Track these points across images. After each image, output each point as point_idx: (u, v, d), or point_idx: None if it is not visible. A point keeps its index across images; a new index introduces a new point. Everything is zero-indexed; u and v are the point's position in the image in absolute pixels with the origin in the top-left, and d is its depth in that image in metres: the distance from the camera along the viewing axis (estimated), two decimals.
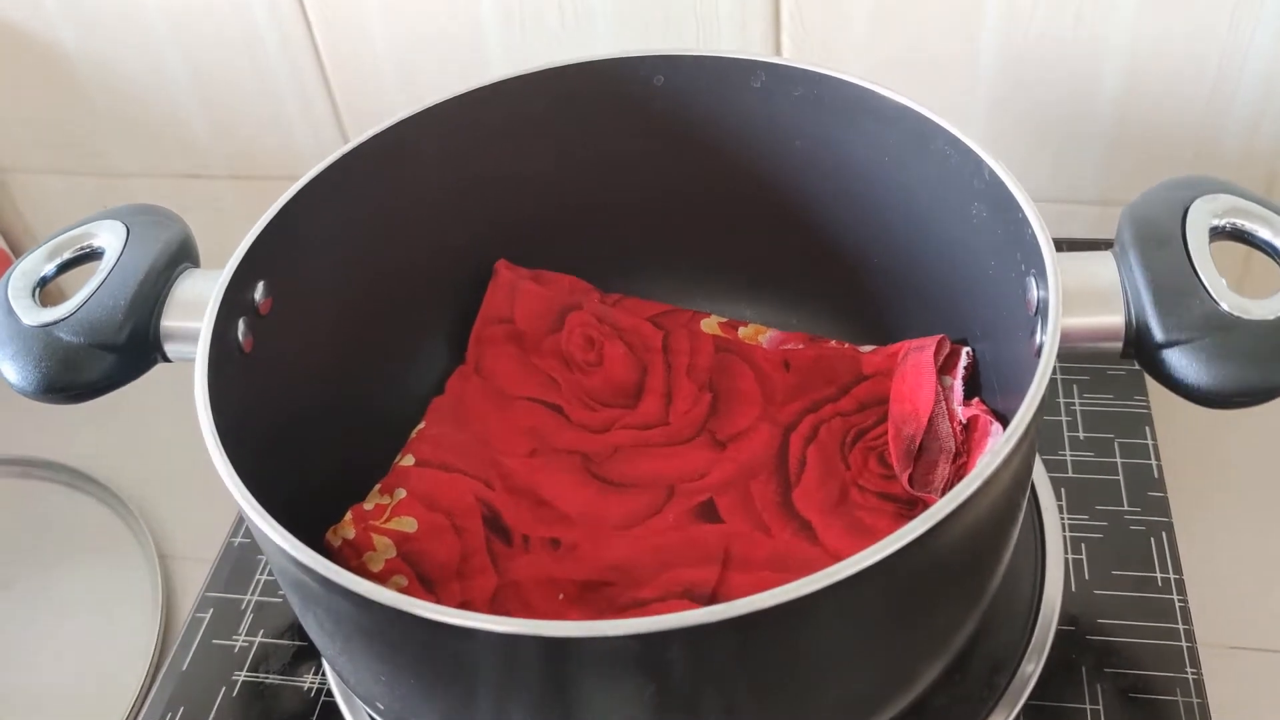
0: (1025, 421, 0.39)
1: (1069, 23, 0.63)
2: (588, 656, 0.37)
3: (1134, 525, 0.59)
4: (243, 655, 0.57)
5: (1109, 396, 0.66)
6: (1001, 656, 0.53)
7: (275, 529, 0.39)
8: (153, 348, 0.50)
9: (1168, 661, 0.53)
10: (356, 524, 0.52)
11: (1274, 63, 0.63)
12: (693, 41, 0.68)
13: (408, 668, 0.41)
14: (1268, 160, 0.66)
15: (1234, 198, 0.46)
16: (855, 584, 0.36)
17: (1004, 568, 0.48)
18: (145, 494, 0.71)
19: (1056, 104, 0.67)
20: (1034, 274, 0.45)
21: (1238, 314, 0.42)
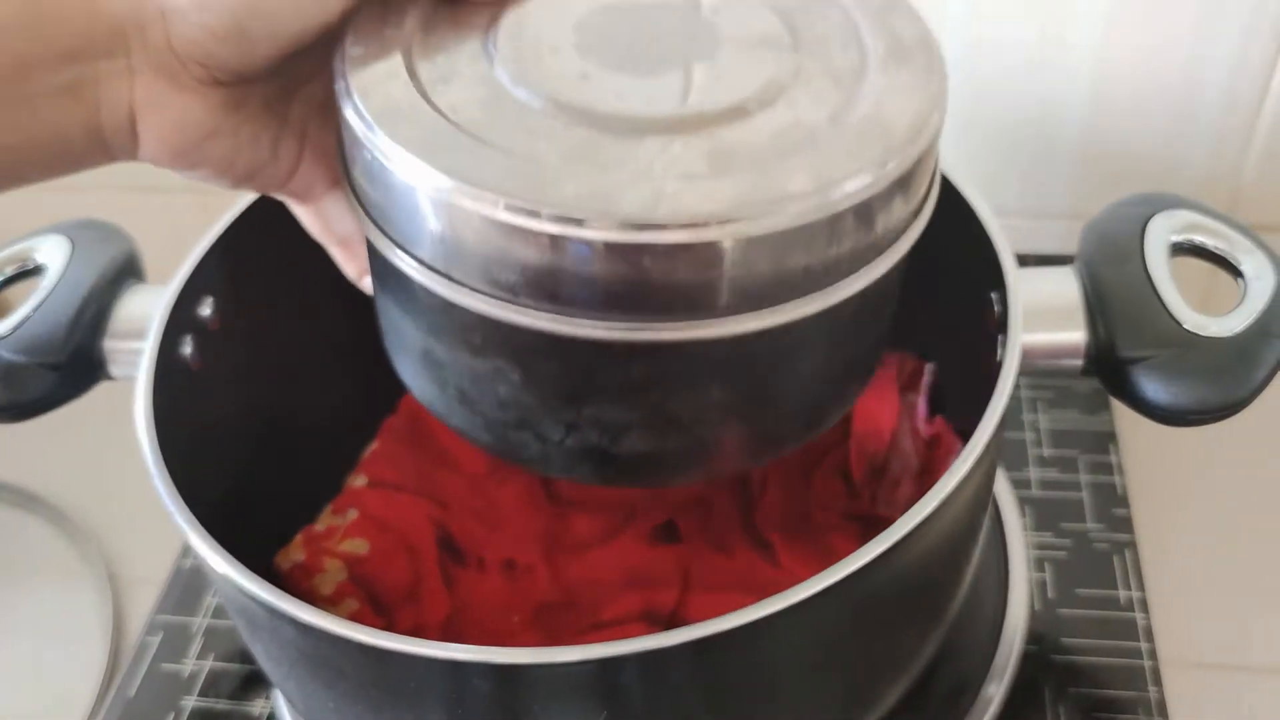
0: (984, 440, 0.38)
1: (1033, 39, 0.63)
2: (541, 683, 0.36)
3: (1098, 543, 0.59)
4: (192, 680, 0.56)
5: (1073, 413, 0.66)
6: (965, 678, 0.53)
7: (218, 552, 0.38)
8: (96, 366, 0.49)
9: (1131, 681, 0.53)
10: (307, 546, 0.51)
11: (1236, 81, 0.63)
12: None
13: (355, 695, 0.40)
14: (1231, 176, 0.66)
15: (1193, 214, 0.46)
16: (812, 606, 0.35)
17: (965, 588, 0.47)
18: (96, 514, 0.70)
19: (1024, 120, 0.67)
20: (996, 289, 0.45)
21: (1196, 331, 0.42)
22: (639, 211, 0.33)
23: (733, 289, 0.35)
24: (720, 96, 0.37)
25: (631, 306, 0.34)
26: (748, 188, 0.34)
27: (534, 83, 0.37)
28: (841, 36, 0.40)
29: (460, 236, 0.35)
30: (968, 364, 0.48)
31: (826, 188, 0.34)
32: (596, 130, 0.35)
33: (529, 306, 0.35)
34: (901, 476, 0.53)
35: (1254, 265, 0.44)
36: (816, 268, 0.35)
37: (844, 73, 0.38)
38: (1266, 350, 0.42)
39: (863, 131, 0.36)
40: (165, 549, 0.63)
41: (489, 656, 0.35)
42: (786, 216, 0.34)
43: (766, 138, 0.36)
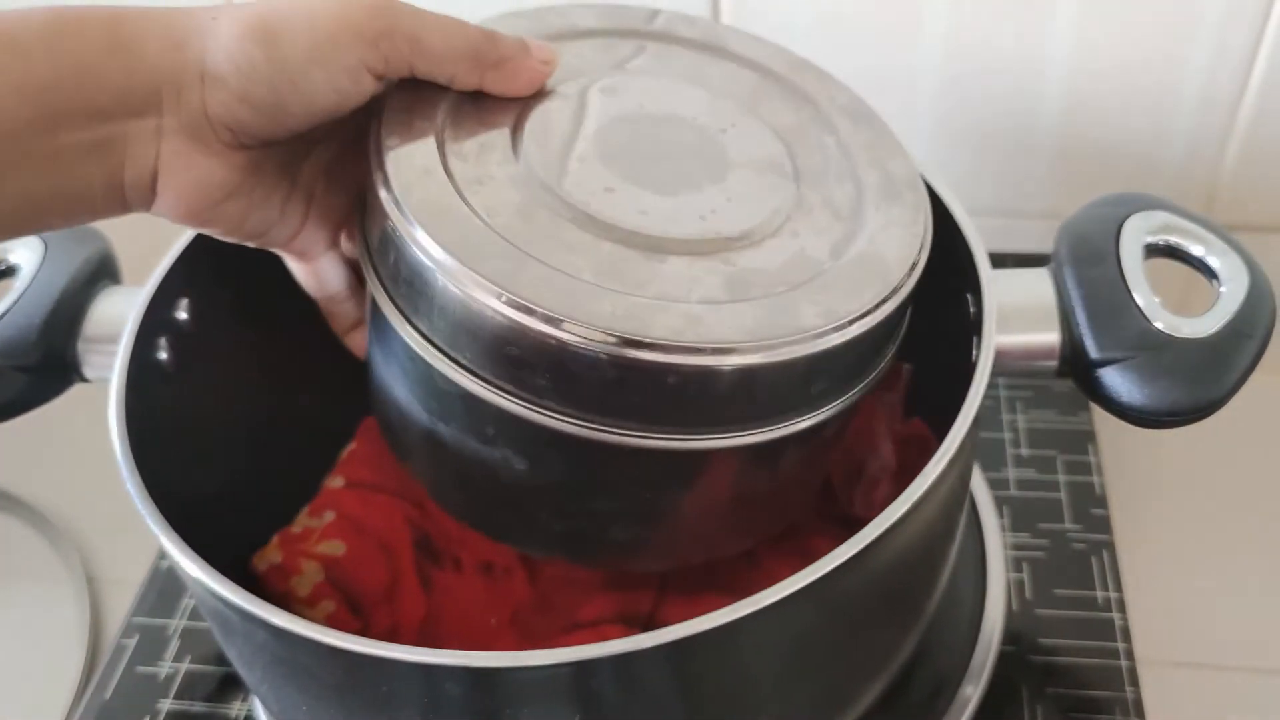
0: (957, 441, 0.38)
1: (1010, 37, 0.63)
2: (513, 686, 0.36)
3: (1076, 543, 0.59)
4: (168, 683, 0.56)
5: (1052, 413, 0.66)
6: (942, 678, 0.53)
7: (189, 556, 0.38)
8: (70, 368, 0.48)
9: (1108, 681, 0.53)
10: (283, 548, 0.51)
11: (1213, 81, 0.63)
12: None
13: (328, 699, 0.39)
14: (1208, 176, 0.66)
15: (1168, 215, 0.46)
16: (787, 608, 0.35)
17: (942, 588, 0.47)
18: (74, 516, 0.69)
19: (1000, 118, 0.67)
20: (970, 290, 0.45)
21: (1170, 332, 0.42)
22: (671, 335, 0.36)
23: (744, 406, 0.38)
24: (733, 222, 0.40)
25: (650, 417, 0.38)
26: (765, 319, 0.37)
27: (564, 192, 0.40)
28: (837, 169, 0.44)
29: (496, 341, 0.37)
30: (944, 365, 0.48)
31: (834, 323, 0.38)
32: (623, 246, 0.39)
33: (554, 410, 0.38)
34: (880, 477, 0.53)
35: (1228, 267, 0.44)
36: (817, 388, 0.39)
37: (841, 206, 0.42)
38: (1240, 352, 0.42)
39: (862, 268, 0.40)
40: (144, 551, 0.62)
41: (461, 660, 0.35)
42: (800, 347, 0.37)
43: (776, 267, 0.39)
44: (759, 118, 0.45)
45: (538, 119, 0.42)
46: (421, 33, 0.39)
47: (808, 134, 0.45)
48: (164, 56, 0.37)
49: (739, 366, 0.37)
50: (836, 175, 0.43)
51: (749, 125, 0.44)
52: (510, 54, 0.42)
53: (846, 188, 0.43)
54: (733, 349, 0.36)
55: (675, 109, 0.44)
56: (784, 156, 0.43)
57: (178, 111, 0.38)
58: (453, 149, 0.40)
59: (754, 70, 0.47)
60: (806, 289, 0.39)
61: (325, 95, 0.38)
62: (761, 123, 0.45)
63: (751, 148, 0.43)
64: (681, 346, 0.36)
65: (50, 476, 0.71)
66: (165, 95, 0.37)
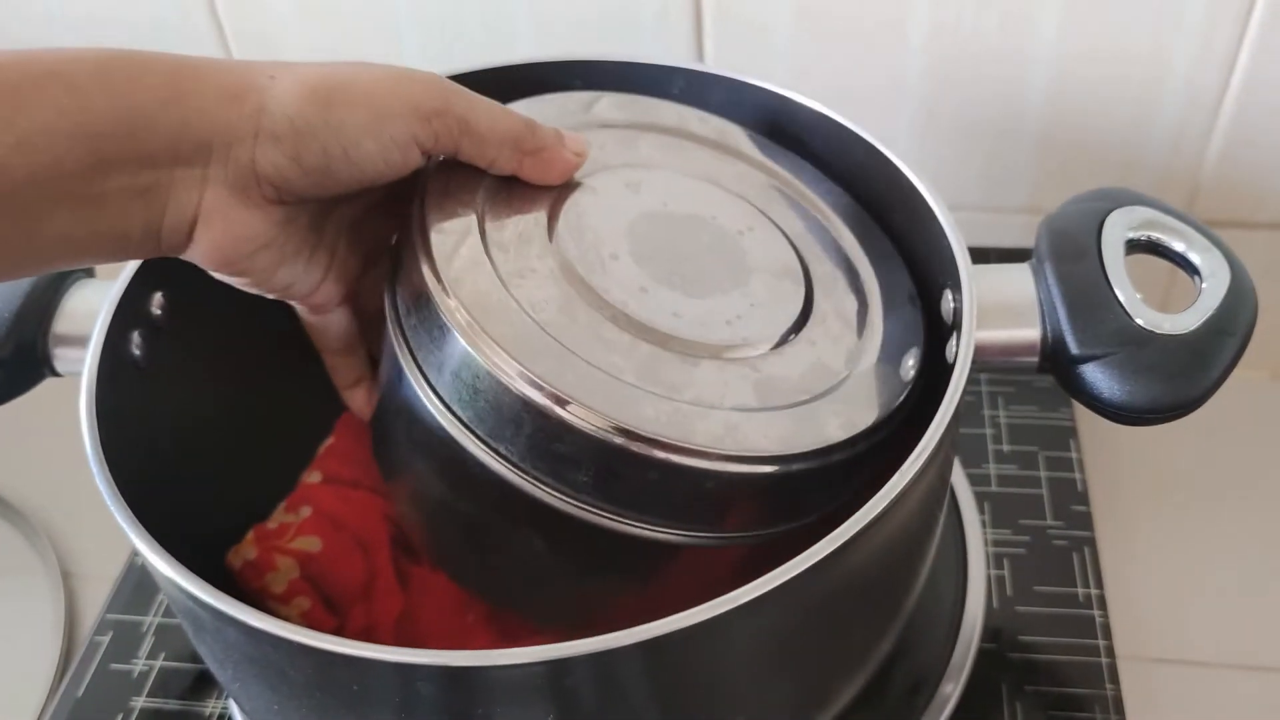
0: (935, 437, 0.38)
1: (994, 32, 0.63)
2: (486, 685, 0.36)
3: (1057, 540, 0.59)
4: (142, 680, 0.55)
5: (1034, 409, 0.66)
6: (921, 675, 0.53)
7: (159, 554, 0.38)
8: (41, 362, 0.48)
9: (1088, 678, 0.53)
10: (258, 544, 0.50)
11: (1196, 77, 0.63)
12: (614, 49, 0.67)
13: (300, 698, 0.39)
14: (1190, 173, 0.66)
15: (1150, 210, 0.45)
16: (763, 605, 0.35)
17: (922, 584, 0.47)
18: (49, 511, 0.69)
19: (984, 113, 0.67)
20: (950, 285, 0.45)
21: (1151, 329, 0.42)
22: (712, 442, 0.38)
23: (764, 508, 0.41)
24: (757, 328, 0.43)
25: (683, 516, 0.40)
26: (794, 429, 0.40)
27: (603, 290, 0.41)
28: (845, 279, 0.46)
29: (540, 436, 0.39)
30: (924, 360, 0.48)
31: (853, 433, 0.40)
32: (660, 348, 0.41)
33: (590, 504, 0.40)
34: None
35: (1209, 263, 0.44)
36: (833, 493, 0.42)
37: (850, 316, 0.45)
38: (1221, 349, 0.42)
39: (875, 379, 0.43)
40: (119, 546, 0.62)
41: (433, 659, 0.34)
42: (827, 458, 0.40)
43: (798, 375, 0.42)
44: (772, 221, 0.47)
45: (570, 212, 0.44)
46: (471, 114, 0.40)
47: (815, 240, 0.47)
48: (221, 110, 0.37)
49: (772, 474, 0.39)
50: (844, 286, 0.46)
51: (764, 229, 0.47)
52: (547, 143, 0.43)
53: (854, 299, 0.46)
54: (769, 458, 0.39)
55: (696, 208, 0.46)
56: (797, 263, 0.46)
57: (226, 164, 0.38)
58: (494, 239, 0.42)
59: (763, 172, 0.50)
60: (827, 399, 0.41)
61: (374, 164, 0.39)
62: (775, 227, 0.47)
63: (769, 252, 0.46)
64: (722, 454, 0.38)
65: (25, 471, 0.71)
66: (216, 147, 0.37)
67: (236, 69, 0.38)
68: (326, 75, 0.38)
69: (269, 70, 0.38)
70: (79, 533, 0.67)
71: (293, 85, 0.38)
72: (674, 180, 0.47)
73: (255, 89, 0.38)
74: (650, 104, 0.51)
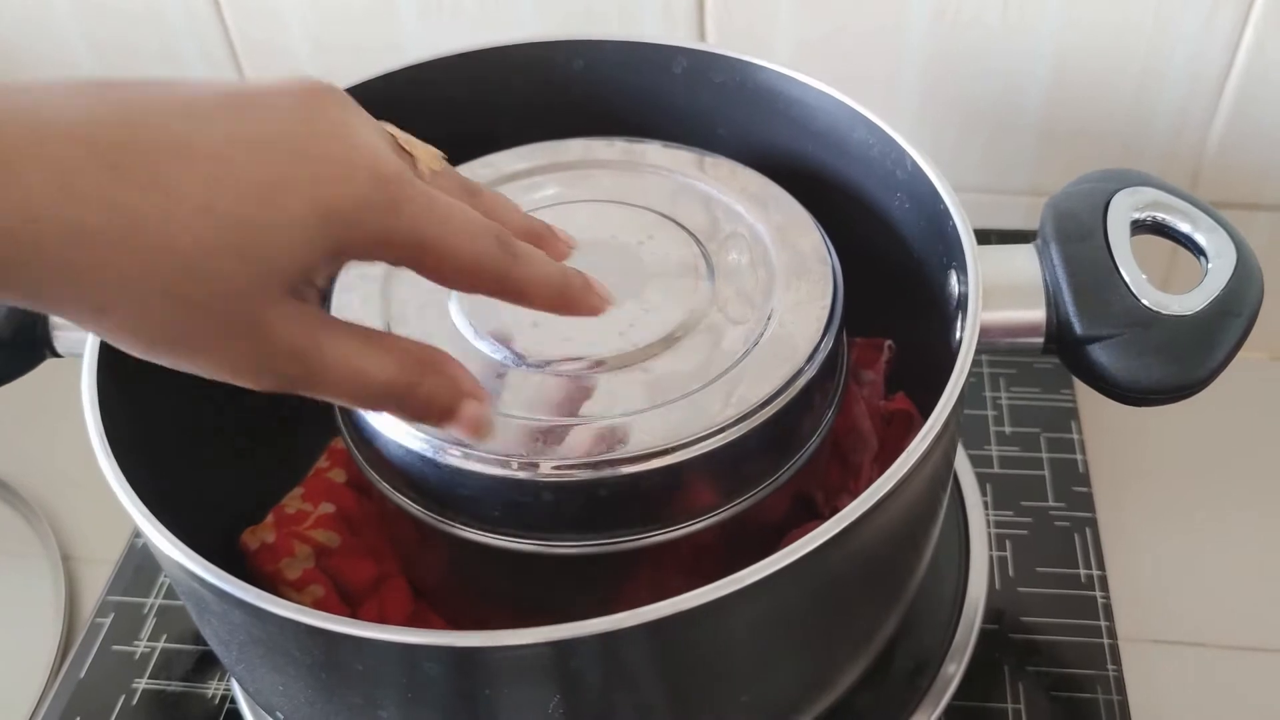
0: (941, 419, 0.38)
1: (997, 12, 0.63)
2: (492, 666, 0.36)
3: (1059, 521, 0.59)
4: (144, 662, 0.55)
5: (1035, 390, 0.66)
6: (924, 657, 0.53)
7: (163, 534, 0.37)
8: (41, 343, 0.47)
9: (1089, 659, 0.53)
10: (278, 528, 0.50)
11: (1199, 57, 0.62)
12: (615, 29, 0.67)
13: (305, 679, 0.39)
14: (1193, 154, 0.66)
15: (1155, 191, 0.45)
16: (768, 587, 0.35)
17: (925, 567, 0.47)
18: (48, 492, 0.68)
19: (986, 94, 0.67)
20: (955, 267, 0.45)
21: (1157, 309, 0.42)
22: (592, 452, 0.40)
23: (684, 496, 0.42)
24: (651, 331, 0.43)
25: (595, 527, 0.41)
26: (681, 420, 0.41)
27: (496, 333, 0.43)
28: (750, 257, 0.47)
29: (443, 482, 0.42)
30: (929, 341, 0.48)
31: (745, 411, 0.41)
32: (551, 375, 0.42)
33: (510, 533, 0.42)
34: (863, 459, 0.52)
35: (1215, 244, 0.44)
36: (749, 469, 0.43)
37: (755, 294, 0.45)
38: (1226, 329, 0.42)
39: (773, 352, 0.43)
40: (120, 528, 0.62)
41: (439, 640, 0.34)
42: (715, 441, 0.40)
43: (693, 366, 0.42)
44: (676, 223, 0.48)
45: None
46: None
47: (721, 229, 0.48)
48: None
49: (667, 466, 0.40)
50: (750, 264, 0.47)
51: (665, 233, 0.48)
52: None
53: (760, 274, 0.46)
54: (654, 453, 0.40)
55: (594, 233, 0.47)
56: (699, 257, 0.47)
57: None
58: (397, 314, 0.44)
59: (670, 177, 0.51)
60: (721, 382, 0.42)
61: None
62: (678, 228, 0.48)
63: (668, 255, 0.47)
64: (605, 460, 0.40)
65: (25, 452, 0.70)
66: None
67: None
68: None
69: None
70: (79, 515, 0.67)
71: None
72: (573, 211, 0.49)
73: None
74: (554, 146, 0.52)
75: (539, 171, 0.51)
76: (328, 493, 0.52)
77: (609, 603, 0.38)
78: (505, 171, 0.51)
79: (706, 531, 0.42)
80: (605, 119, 0.55)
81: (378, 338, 0.35)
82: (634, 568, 0.43)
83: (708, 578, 0.34)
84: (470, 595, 0.50)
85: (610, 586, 0.45)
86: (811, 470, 0.46)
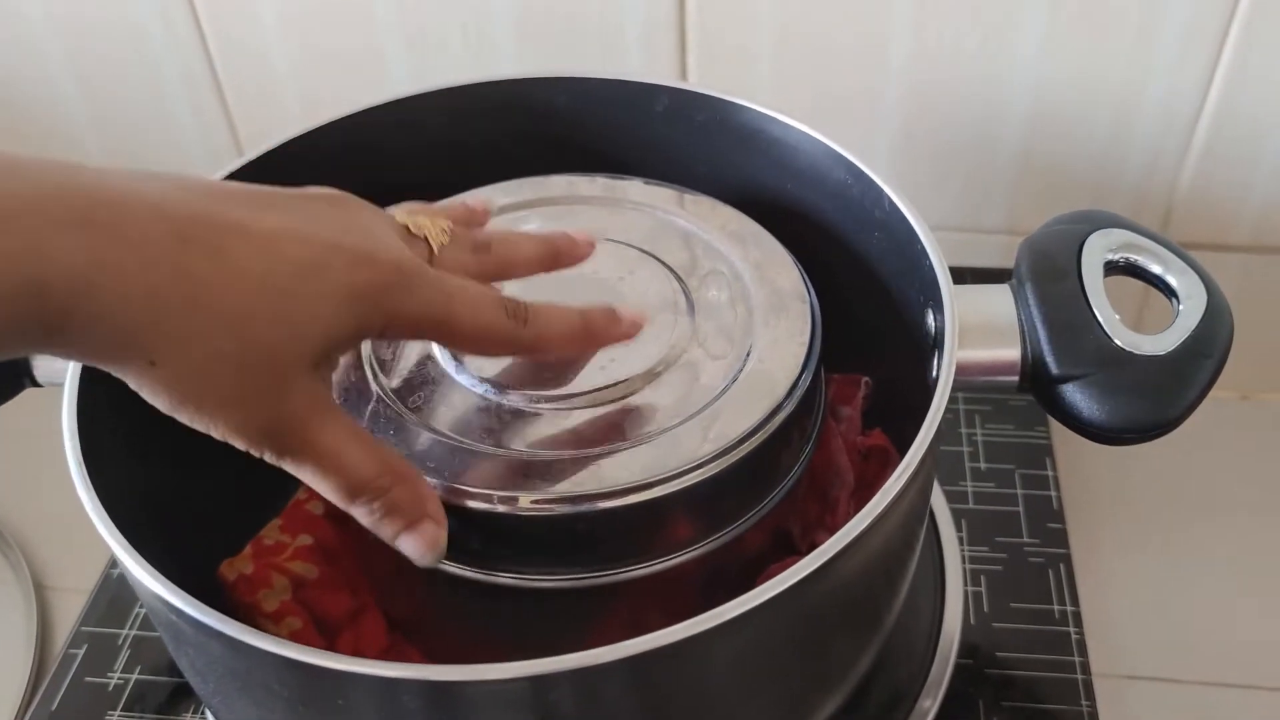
0: (918, 455, 0.38)
1: (973, 56, 0.64)
2: (471, 700, 0.36)
3: (1033, 557, 0.60)
4: (117, 694, 0.55)
5: (1010, 427, 0.66)
6: (900, 691, 0.53)
7: (141, 565, 0.37)
8: (20, 374, 0.47)
9: (1063, 694, 0.54)
10: (256, 560, 0.50)
11: (1172, 101, 0.64)
12: (598, 67, 0.67)
13: (283, 712, 0.39)
14: (1165, 195, 0.67)
15: (1128, 233, 0.46)
16: (746, 622, 0.35)
17: (901, 602, 0.47)
18: (22, 521, 0.68)
19: (963, 134, 0.68)
20: (932, 305, 0.45)
21: (1130, 349, 0.42)
22: (572, 488, 0.40)
23: (663, 531, 0.42)
24: (630, 367, 0.44)
25: (574, 561, 0.42)
26: (659, 456, 0.41)
27: (477, 371, 0.44)
28: (730, 294, 0.47)
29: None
30: (906, 379, 0.49)
31: (723, 446, 0.41)
32: (531, 413, 0.43)
33: (480, 567, 0.42)
34: (840, 495, 0.52)
35: (1186, 286, 0.45)
36: (728, 505, 0.43)
37: (734, 330, 0.46)
38: (1198, 370, 0.43)
39: (752, 388, 0.43)
40: (94, 558, 0.61)
41: (418, 674, 0.34)
42: (693, 477, 0.41)
43: (672, 402, 0.43)
44: (656, 259, 0.49)
45: None
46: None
47: (701, 265, 0.49)
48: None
49: (644, 502, 0.40)
50: (729, 300, 0.47)
51: (646, 269, 0.48)
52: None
53: (739, 310, 0.47)
54: (631, 488, 0.40)
55: (576, 268, 0.47)
56: (679, 293, 0.47)
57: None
58: (380, 352, 0.45)
59: (651, 214, 0.51)
60: (698, 419, 0.42)
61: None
62: (658, 264, 0.49)
63: (648, 290, 0.47)
64: (583, 495, 0.40)
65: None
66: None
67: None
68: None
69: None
70: (52, 545, 0.67)
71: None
72: None
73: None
74: (538, 181, 0.53)
75: (523, 206, 0.52)
76: (306, 524, 0.52)
77: (587, 636, 0.38)
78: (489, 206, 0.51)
79: (684, 566, 0.43)
80: (587, 155, 0.56)
81: (367, 438, 0.37)
82: (612, 602, 0.43)
83: (686, 612, 0.34)
84: (447, 629, 0.50)
85: (588, 620, 0.45)
86: (789, 505, 0.46)
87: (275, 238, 0.34)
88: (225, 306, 0.33)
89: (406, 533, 0.38)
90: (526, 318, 0.39)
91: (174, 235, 0.32)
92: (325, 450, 0.36)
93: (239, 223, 0.34)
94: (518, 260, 0.44)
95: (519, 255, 0.44)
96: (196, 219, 0.33)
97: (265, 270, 0.33)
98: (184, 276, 0.32)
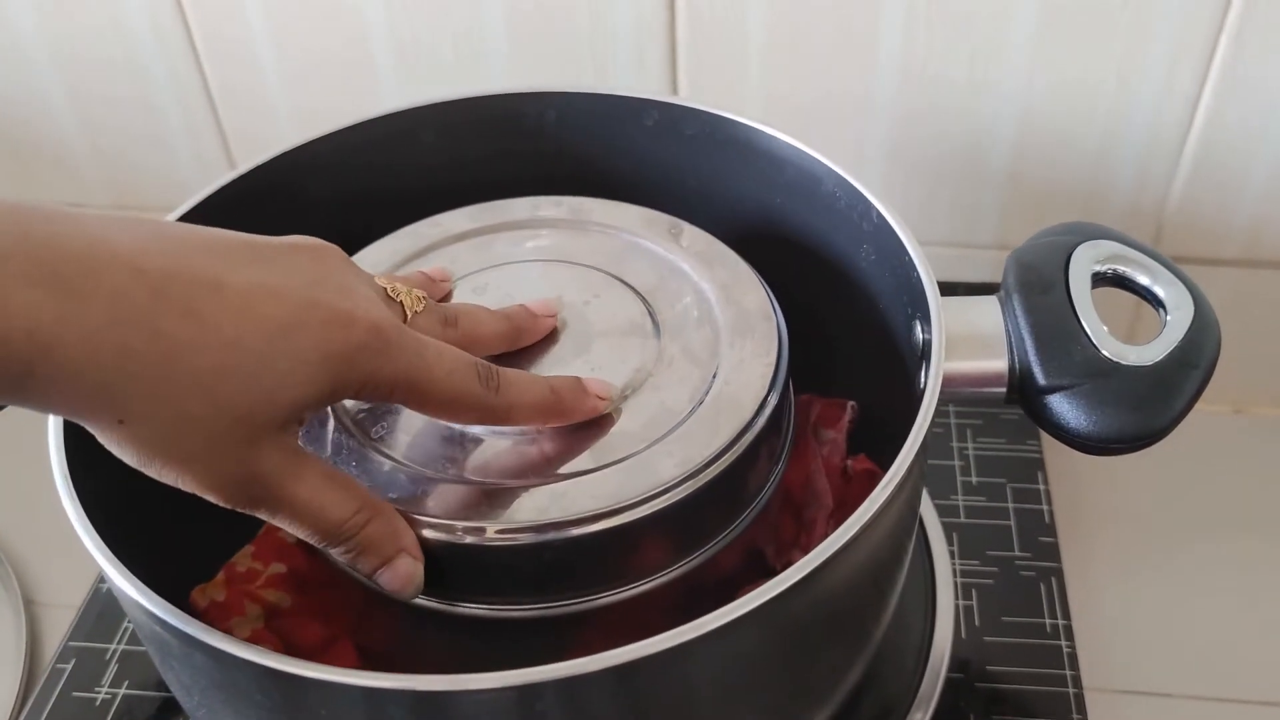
0: (904, 467, 0.38)
1: (963, 69, 0.64)
2: (457, 710, 0.36)
3: (1024, 570, 0.59)
4: (105, 708, 0.55)
5: (1001, 441, 0.66)
6: (890, 704, 0.53)
7: (128, 579, 0.37)
8: None
9: (1055, 708, 0.53)
10: (229, 586, 0.50)
11: (1161, 115, 0.64)
12: (589, 81, 0.68)
13: None
14: (1155, 209, 0.67)
15: (1116, 244, 0.46)
16: (732, 632, 0.35)
17: (891, 614, 0.47)
18: (11, 536, 0.68)
19: (952, 148, 0.68)
20: (919, 317, 0.45)
21: (1117, 360, 0.42)
22: (535, 515, 0.40)
23: (634, 557, 0.41)
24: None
25: (544, 590, 0.41)
26: (626, 481, 0.40)
27: None
28: (696, 315, 0.47)
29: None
30: (893, 390, 0.49)
31: (689, 471, 0.41)
32: (495, 439, 0.42)
33: (461, 600, 0.42)
34: (816, 516, 0.52)
35: (1173, 296, 0.45)
36: (696, 530, 0.43)
37: (700, 351, 0.45)
38: (1185, 380, 0.43)
39: (718, 411, 0.43)
40: (82, 574, 0.61)
41: (403, 684, 0.34)
42: (662, 501, 0.40)
43: (639, 426, 0.42)
44: (623, 281, 0.48)
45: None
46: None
47: (668, 287, 0.48)
48: None
49: (611, 529, 0.40)
50: (696, 322, 0.47)
51: (612, 292, 0.48)
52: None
53: (705, 332, 0.46)
54: (597, 515, 0.40)
55: (541, 292, 0.47)
56: (645, 316, 0.47)
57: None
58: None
59: (617, 236, 0.51)
60: (665, 442, 0.42)
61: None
62: (624, 286, 0.48)
63: (614, 314, 0.47)
64: (546, 524, 0.40)
65: None
66: None
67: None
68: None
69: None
70: (42, 560, 0.67)
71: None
72: (521, 271, 0.49)
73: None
74: (503, 205, 0.53)
75: (487, 231, 0.52)
76: (279, 552, 0.52)
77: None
78: (453, 231, 0.51)
79: (657, 590, 0.42)
80: (577, 169, 0.56)
81: (340, 478, 0.38)
82: (585, 630, 0.43)
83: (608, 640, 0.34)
84: (417, 660, 0.49)
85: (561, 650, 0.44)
86: (761, 526, 0.45)
87: (251, 295, 0.33)
88: (197, 368, 0.32)
89: (384, 568, 0.38)
90: (499, 385, 0.39)
91: (147, 291, 0.32)
92: (299, 502, 0.36)
93: (215, 279, 0.33)
94: (482, 337, 0.43)
95: (483, 332, 0.43)
96: (170, 274, 0.32)
97: (239, 331, 0.33)
98: (156, 335, 0.31)
